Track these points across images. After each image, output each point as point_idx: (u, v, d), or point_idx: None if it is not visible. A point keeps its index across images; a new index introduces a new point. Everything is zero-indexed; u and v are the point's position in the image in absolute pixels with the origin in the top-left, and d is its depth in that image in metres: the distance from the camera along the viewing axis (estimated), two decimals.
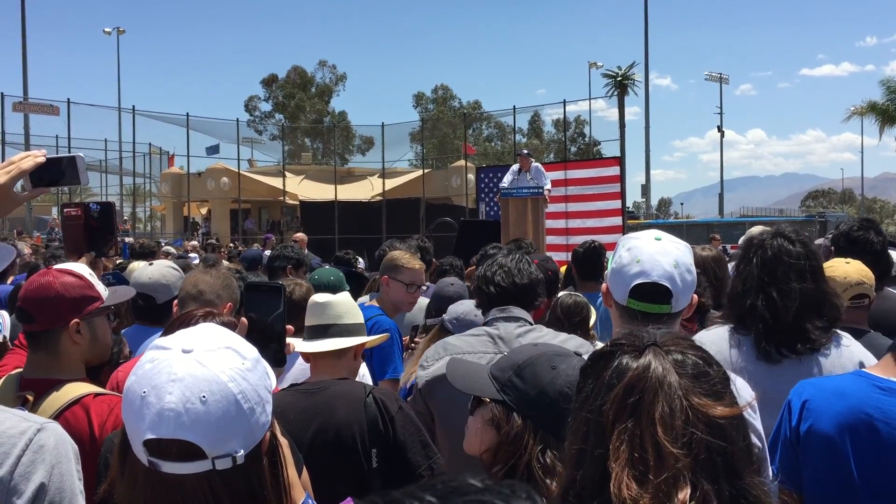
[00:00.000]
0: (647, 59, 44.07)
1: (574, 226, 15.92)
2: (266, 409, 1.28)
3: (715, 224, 35.45)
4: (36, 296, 2.36)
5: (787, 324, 2.63)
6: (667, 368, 1.26)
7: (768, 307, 2.65)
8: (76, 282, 2.40)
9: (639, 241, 2.28)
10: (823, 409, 2.19)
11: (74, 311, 2.38)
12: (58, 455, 1.73)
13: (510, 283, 3.01)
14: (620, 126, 34.26)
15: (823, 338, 2.64)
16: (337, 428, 2.66)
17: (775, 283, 2.67)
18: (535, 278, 3.08)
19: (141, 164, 34.46)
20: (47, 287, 2.35)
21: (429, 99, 65.27)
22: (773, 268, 2.69)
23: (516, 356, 1.85)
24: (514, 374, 1.78)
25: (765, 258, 2.72)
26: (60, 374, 2.37)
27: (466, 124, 41.01)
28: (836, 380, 2.30)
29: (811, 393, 2.22)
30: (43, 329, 2.36)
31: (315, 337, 2.91)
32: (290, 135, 45.03)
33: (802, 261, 2.70)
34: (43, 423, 1.77)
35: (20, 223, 31.12)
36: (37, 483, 1.68)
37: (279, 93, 62.50)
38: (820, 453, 2.17)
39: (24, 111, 30.13)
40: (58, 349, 2.38)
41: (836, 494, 2.13)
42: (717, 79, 62.77)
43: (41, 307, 2.34)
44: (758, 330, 2.66)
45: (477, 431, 1.79)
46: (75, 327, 2.38)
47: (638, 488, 1.18)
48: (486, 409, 1.77)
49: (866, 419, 2.12)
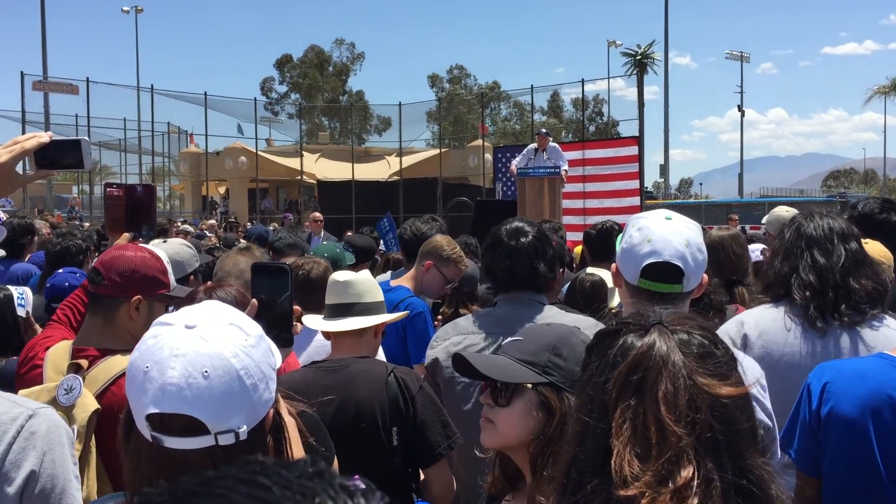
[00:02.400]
0: (666, 37, 43.61)
1: (591, 206, 15.85)
2: (269, 385, 1.28)
3: (734, 204, 35.22)
4: (113, 261, 2.43)
5: (834, 283, 2.54)
6: (671, 347, 1.25)
7: (813, 269, 2.57)
8: (154, 263, 2.46)
9: (649, 220, 2.25)
10: (845, 392, 2.16)
11: (141, 288, 2.43)
12: (50, 441, 1.72)
13: (515, 265, 2.92)
14: (639, 105, 33.96)
15: (872, 305, 2.54)
16: (357, 405, 2.69)
17: (817, 245, 2.60)
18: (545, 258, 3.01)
19: (160, 143, 34.64)
20: (127, 258, 2.43)
21: (443, 80, 64.96)
22: (812, 234, 2.63)
23: (542, 338, 1.79)
24: (553, 355, 1.73)
25: (803, 229, 2.66)
26: (113, 343, 2.40)
27: (484, 104, 40.84)
28: (857, 362, 2.27)
29: (831, 375, 2.19)
30: (107, 293, 2.41)
31: (337, 315, 2.93)
32: (308, 114, 45.01)
33: (846, 228, 2.64)
34: (35, 408, 1.76)
35: (41, 202, 31.39)
36: (27, 470, 1.66)
37: (293, 73, 62.39)
38: (841, 436, 2.14)
39: (44, 90, 30.32)
40: (114, 319, 2.42)
41: (858, 478, 2.10)
42: (737, 57, 62.10)
43: (114, 271, 2.41)
44: (804, 296, 2.56)
45: (521, 419, 1.70)
46: (136, 303, 2.42)
47: (640, 466, 1.18)
48: (531, 395, 1.70)
49: (889, 401, 2.10)
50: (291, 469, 0.52)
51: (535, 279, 2.92)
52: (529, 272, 2.90)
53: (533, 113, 37.94)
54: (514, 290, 2.93)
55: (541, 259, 2.91)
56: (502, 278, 2.95)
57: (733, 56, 62.78)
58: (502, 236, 2.94)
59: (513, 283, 2.93)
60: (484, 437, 1.76)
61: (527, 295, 2.93)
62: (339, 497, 0.50)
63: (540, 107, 50.03)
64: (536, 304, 2.92)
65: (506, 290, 2.96)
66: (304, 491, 0.50)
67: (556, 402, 1.68)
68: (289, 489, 0.50)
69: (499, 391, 1.73)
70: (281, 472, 0.52)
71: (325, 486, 0.51)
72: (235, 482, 0.51)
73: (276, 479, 0.51)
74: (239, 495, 0.49)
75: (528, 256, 2.89)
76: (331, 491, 0.50)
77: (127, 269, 2.41)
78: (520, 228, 2.95)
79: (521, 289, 2.92)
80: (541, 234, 2.98)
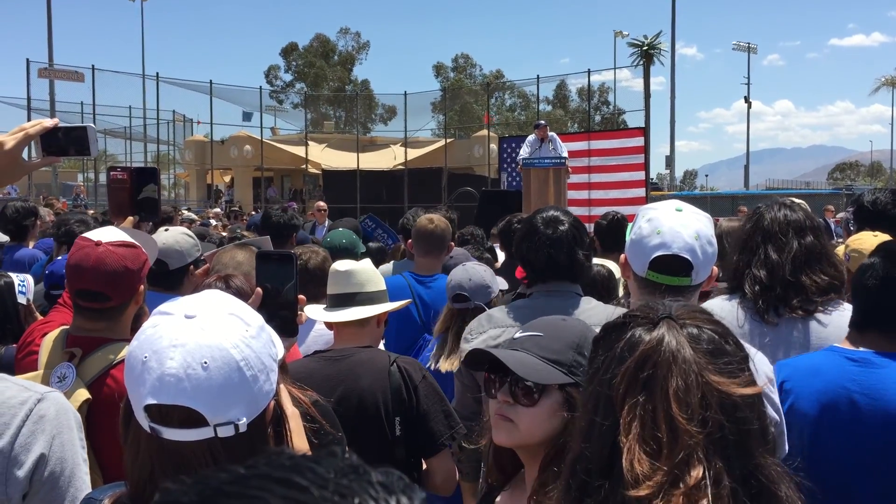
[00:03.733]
0: (673, 27, 43.48)
1: (597, 197, 15.81)
2: (270, 377, 1.26)
3: (740, 196, 35.07)
4: (108, 276, 2.34)
5: (783, 279, 2.56)
6: (681, 342, 1.22)
7: (765, 264, 2.58)
8: (133, 252, 2.41)
9: (659, 212, 2.23)
10: (801, 389, 2.21)
11: (141, 279, 2.43)
12: (59, 425, 1.73)
13: (554, 253, 2.84)
14: (645, 96, 33.85)
15: (823, 298, 2.56)
16: (360, 395, 2.69)
17: (771, 240, 2.61)
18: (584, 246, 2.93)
19: (165, 131, 34.62)
20: (116, 265, 2.34)
21: (448, 69, 64.82)
22: (769, 228, 2.63)
23: (567, 335, 1.74)
24: (577, 354, 1.68)
25: (761, 223, 2.66)
26: (111, 334, 2.39)
27: (489, 93, 40.71)
28: (811, 358, 2.30)
29: (787, 374, 2.22)
30: (118, 304, 2.39)
31: (339, 305, 2.92)
32: (313, 103, 44.96)
33: (803, 219, 2.64)
34: (44, 392, 1.76)
35: (46, 189, 31.42)
36: (37, 454, 1.68)
37: (299, 62, 62.32)
38: (802, 433, 2.16)
39: (50, 77, 30.29)
40: (123, 315, 2.42)
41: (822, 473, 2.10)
42: (744, 48, 61.84)
43: (117, 286, 2.35)
44: (753, 291, 2.58)
45: (547, 419, 1.65)
46: (141, 294, 2.44)
47: (650, 465, 1.15)
48: (558, 395, 1.65)
49: (845, 394, 2.13)
50: (325, 465, 0.50)
51: (573, 268, 2.86)
52: (569, 261, 2.83)
53: (539, 103, 37.85)
54: (552, 280, 2.86)
55: (580, 247, 2.86)
56: (540, 268, 2.86)
57: (740, 47, 62.50)
58: (538, 225, 2.86)
59: (552, 272, 2.85)
60: (500, 434, 1.69)
61: (564, 286, 2.86)
62: (379, 496, 0.48)
63: (545, 97, 49.93)
64: (574, 296, 2.85)
65: (543, 280, 2.88)
66: (342, 491, 0.47)
67: (579, 401, 1.60)
68: (325, 489, 0.47)
69: (521, 389, 1.66)
70: (314, 468, 0.49)
71: (363, 485, 0.48)
72: (269, 481, 0.48)
73: (312, 478, 0.48)
74: (275, 497, 0.47)
75: (568, 245, 2.82)
76: (371, 490, 0.48)
77: (124, 275, 2.36)
78: (556, 217, 2.89)
79: (559, 279, 2.86)
80: (577, 222, 2.93)
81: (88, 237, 2.40)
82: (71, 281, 2.41)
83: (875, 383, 2.11)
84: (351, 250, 4.75)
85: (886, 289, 2.19)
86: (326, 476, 0.48)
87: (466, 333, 2.95)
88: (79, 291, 2.38)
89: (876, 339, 2.21)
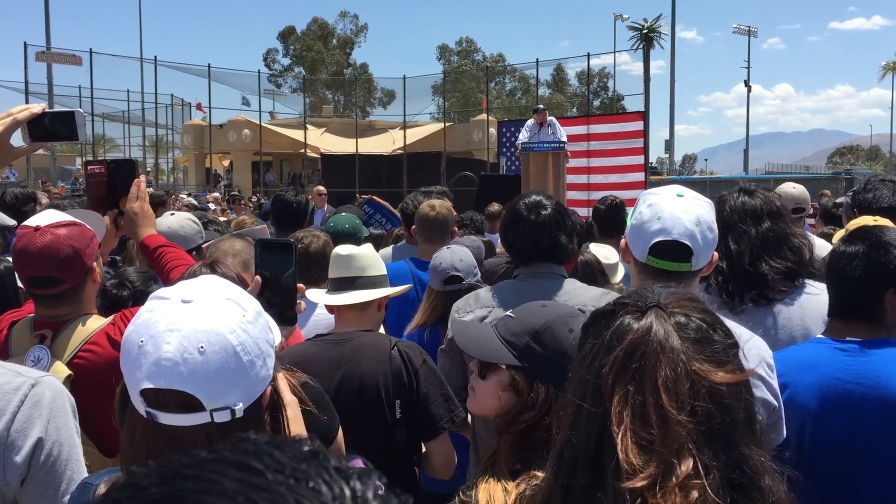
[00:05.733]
0: (673, 10, 43.30)
1: (596, 181, 15.75)
2: (267, 363, 1.26)
3: (739, 181, 34.99)
4: (54, 259, 2.28)
5: (742, 269, 2.58)
6: (668, 331, 1.22)
7: (725, 255, 2.60)
8: (76, 230, 2.34)
9: (660, 197, 2.22)
10: (797, 383, 2.20)
11: (91, 255, 2.37)
12: (54, 409, 1.74)
13: (539, 238, 2.95)
14: (645, 80, 33.81)
15: (784, 285, 2.59)
16: (361, 378, 2.71)
17: (731, 230, 2.63)
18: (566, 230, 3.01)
19: (163, 115, 34.52)
20: (61, 247, 2.28)
21: (452, 51, 64.61)
22: (728, 219, 2.65)
23: (530, 320, 1.80)
24: (532, 340, 1.74)
25: (721, 213, 2.65)
26: (74, 311, 2.37)
27: (489, 77, 40.56)
28: (802, 351, 2.29)
29: (781, 369, 2.20)
30: (73, 286, 2.34)
31: (340, 289, 2.94)
32: (311, 87, 44.80)
33: (760, 206, 2.66)
34: (38, 377, 1.77)
35: (44, 173, 31.37)
36: (34, 438, 1.69)
37: (297, 45, 62.06)
38: (803, 427, 2.17)
39: (47, 61, 30.16)
40: (82, 296, 2.38)
41: (825, 465, 2.12)
42: (745, 32, 61.61)
43: (66, 267, 2.29)
44: (717, 281, 2.62)
45: (493, 395, 1.75)
46: (95, 267, 2.39)
47: (643, 457, 1.15)
48: (504, 374, 1.74)
49: (841, 385, 2.13)
50: (285, 450, 0.51)
51: (556, 251, 2.96)
52: (552, 244, 2.94)
53: (538, 87, 37.71)
54: (537, 262, 2.97)
55: (562, 231, 2.96)
56: (525, 251, 2.98)
57: (741, 30, 62.25)
58: (522, 211, 2.97)
59: (536, 255, 2.96)
60: (468, 401, 1.90)
61: (548, 267, 2.97)
62: (333, 481, 0.49)
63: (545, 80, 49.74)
64: (558, 278, 2.95)
65: (527, 262, 2.99)
66: (297, 475, 0.48)
67: (524, 387, 1.70)
68: (281, 473, 0.48)
69: (478, 363, 1.82)
70: (273, 453, 0.50)
71: (318, 470, 0.49)
72: (226, 465, 0.49)
73: (269, 462, 0.49)
74: (230, 480, 0.48)
75: (551, 229, 2.93)
76: (325, 475, 0.49)
77: (73, 256, 2.29)
78: (539, 202, 2.99)
79: (542, 261, 2.96)
80: (560, 207, 3.04)
81: (27, 224, 2.33)
82: (19, 271, 2.35)
83: (868, 371, 2.11)
84: (354, 235, 4.76)
85: (871, 279, 2.17)
86: (283, 461, 0.49)
87: (454, 311, 3.02)
88: (29, 280, 2.33)
89: (862, 328, 2.20)
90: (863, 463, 2.09)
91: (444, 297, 3.58)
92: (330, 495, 0.47)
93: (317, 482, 0.48)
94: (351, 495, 0.48)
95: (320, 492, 0.47)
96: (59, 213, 2.40)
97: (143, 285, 3.25)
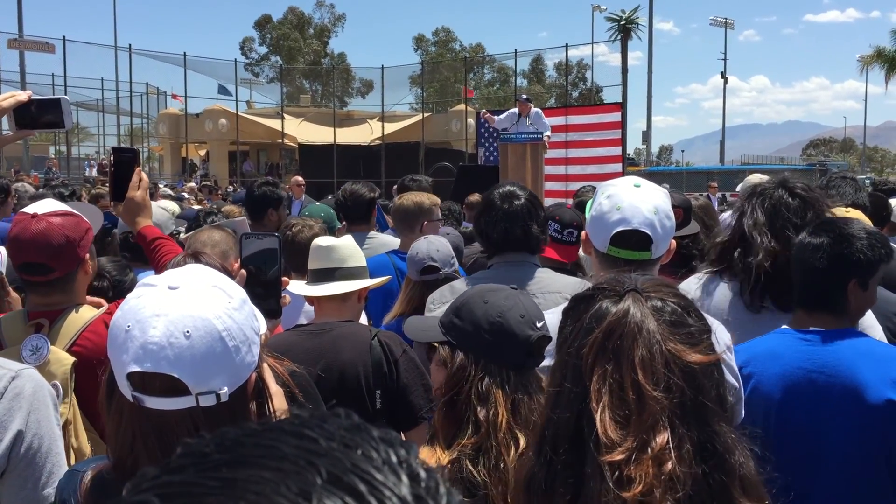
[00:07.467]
0: (651, 2, 43.39)
1: (574, 172, 15.83)
2: (252, 349, 1.28)
3: (715, 171, 35.31)
4: (48, 246, 2.30)
5: (784, 276, 2.53)
6: (645, 314, 1.27)
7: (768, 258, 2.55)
8: (72, 220, 2.37)
9: (618, 188, 2.27)
10: (762, 373, 2.24)
11: (85, 247, 2.39)
12: (35, 401, 1.74)
13: (510, 227, 2.98)
14: (623, 71, 33.93)
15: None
16: (342, 368, 2.71)
17: (774, 233, 2.58)
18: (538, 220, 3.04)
19: (138, 104, 34.18)
20: (55, 235, 2.30)
21: (429, 42, 64.43)
22: (771, 219, 2.61)
23: (456, 300, 1.98)
24: (454, 315, 1.90)
25: (765, 208, 2.64)
26: (69, 302, 2.39)
27: (467, 68, 40.53)
28: (766, 342, 2.32)
29: (745, 358, 2.24)
30: (63, 275, 2.35)
31: (320, 280, 2.94)
32: (288, 76, 44.52)
33: (800, 213, 2.61)
34: (18, 369, 1.77)
35: (17, 162, 30.96)
36: (14, 431, 1.69)
37: (273, 34, 61.59)
38: (768, 416, 2.20)
39: (20, 48, 29.77)
40: (73, 286, 2.39)
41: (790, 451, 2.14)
42: (721, 23, 61.95)
43: (58, 256, 2.31)
44: (746, 280, 2.57)
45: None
46: (88, 259, 2.41)
47: (621, 432, 1.20)
48: (437, 353, 1.91)
49: (804, 374, 2.17)
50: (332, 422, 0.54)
51: (528, 241, 3.00)
52: (524, 234, 2.98)
53: (516, 78, 37.78)
54: (510, 251, 3.01)
55: (534, 221, 3.00)
56: (497, 241, 3.02)
57: (717, 22, 62.61)
58: (495, 200, 3.01)
59: (508, 245, 3.00)
60: None
61: (521, 256, 3.00)
62: (380, 447, 0.52)
63: (522, 71, 49.78)
64: (531, 266, 2.99)
65: (500, 252, 3.03)
66: (347, 442, 0.52)
67: (448, 358, 1.86)
68: (333, 440, 0.52)
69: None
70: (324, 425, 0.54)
71: (366, 437, 0.53)
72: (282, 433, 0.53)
73: (321, 432, 0.53)
74: (288, 447, 0.51)
75: (523, 219, 2.97)
76: (372, 442, 0.53)
77: (66, 244, 2.31)
78: (512, 192, 3.03)
79: (515, 250, 3.00)
80: (532, 197, 3.07)
81: (25, 211, 2.37)
82: (13, 257, 2.38)
83: (829, 360, 2.15)
84: (330, 224, 4.76)
85: (835, 270, 2.20)
86: (333, 430, 0.53)
87: (429, 303, 3.06)
88: (22, 266, 2.36)
89: (826, 318, 2.24)
90: (825, 447, 2.14)
91: (422, 287, 3.58)
92: (380, 460, 0.51)
93: (366, 448, 0.52)
94: (397, 460, 0.51)
95: (371, 457, 0.51)
96: (57, 203, 2.43)
97: (119, 274, 3.28)
